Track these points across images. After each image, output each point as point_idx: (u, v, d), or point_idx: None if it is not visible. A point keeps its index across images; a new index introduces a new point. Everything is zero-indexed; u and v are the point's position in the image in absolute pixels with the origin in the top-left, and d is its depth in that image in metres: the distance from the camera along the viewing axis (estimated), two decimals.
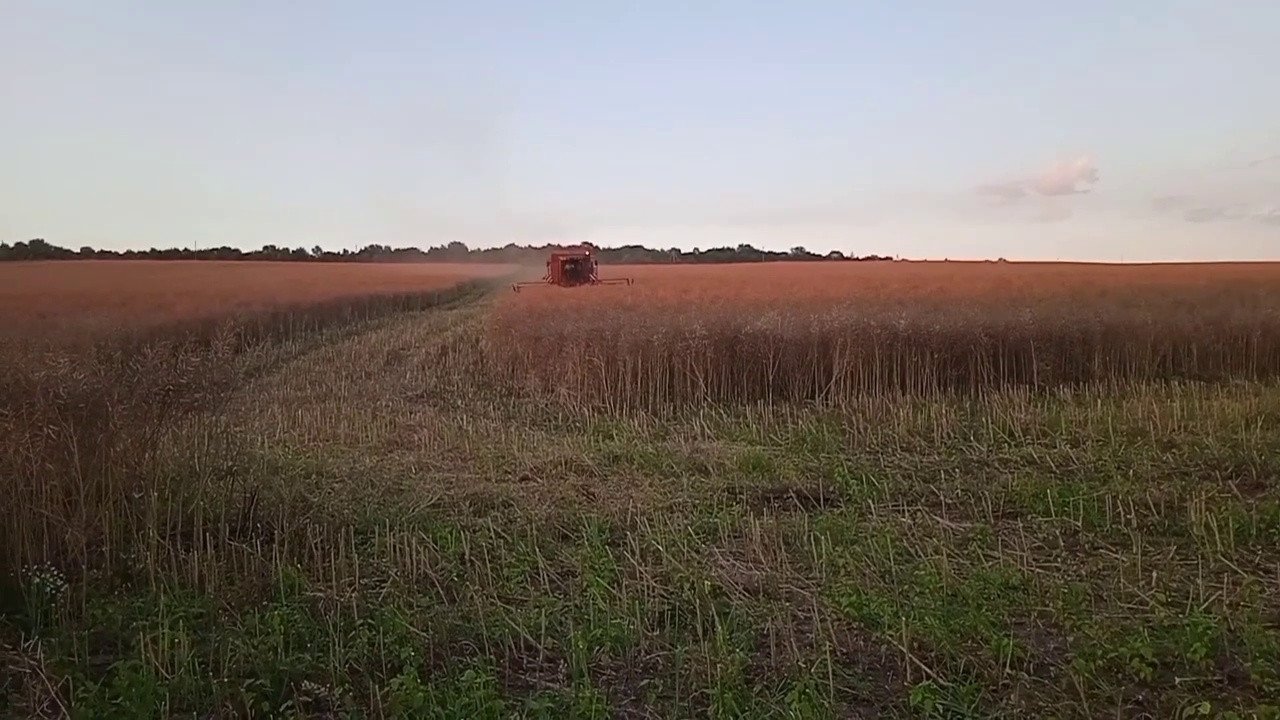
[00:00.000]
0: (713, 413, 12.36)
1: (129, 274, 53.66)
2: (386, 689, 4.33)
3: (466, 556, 6.39)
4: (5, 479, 5.80)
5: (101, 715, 4.16)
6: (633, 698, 4.50)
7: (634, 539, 6.72)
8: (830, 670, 4.52)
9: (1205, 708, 4.05)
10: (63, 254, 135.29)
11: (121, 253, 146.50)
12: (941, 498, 7.93)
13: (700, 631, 5.09)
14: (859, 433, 10.88)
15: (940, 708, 4.23)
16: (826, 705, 4.27)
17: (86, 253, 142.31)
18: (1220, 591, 5.54)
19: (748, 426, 11.42)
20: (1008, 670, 4.60)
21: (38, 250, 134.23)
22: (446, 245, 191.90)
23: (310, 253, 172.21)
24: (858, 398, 13.20)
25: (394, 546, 6.46)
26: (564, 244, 44.19)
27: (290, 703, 4.18)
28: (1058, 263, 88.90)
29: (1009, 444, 10.13)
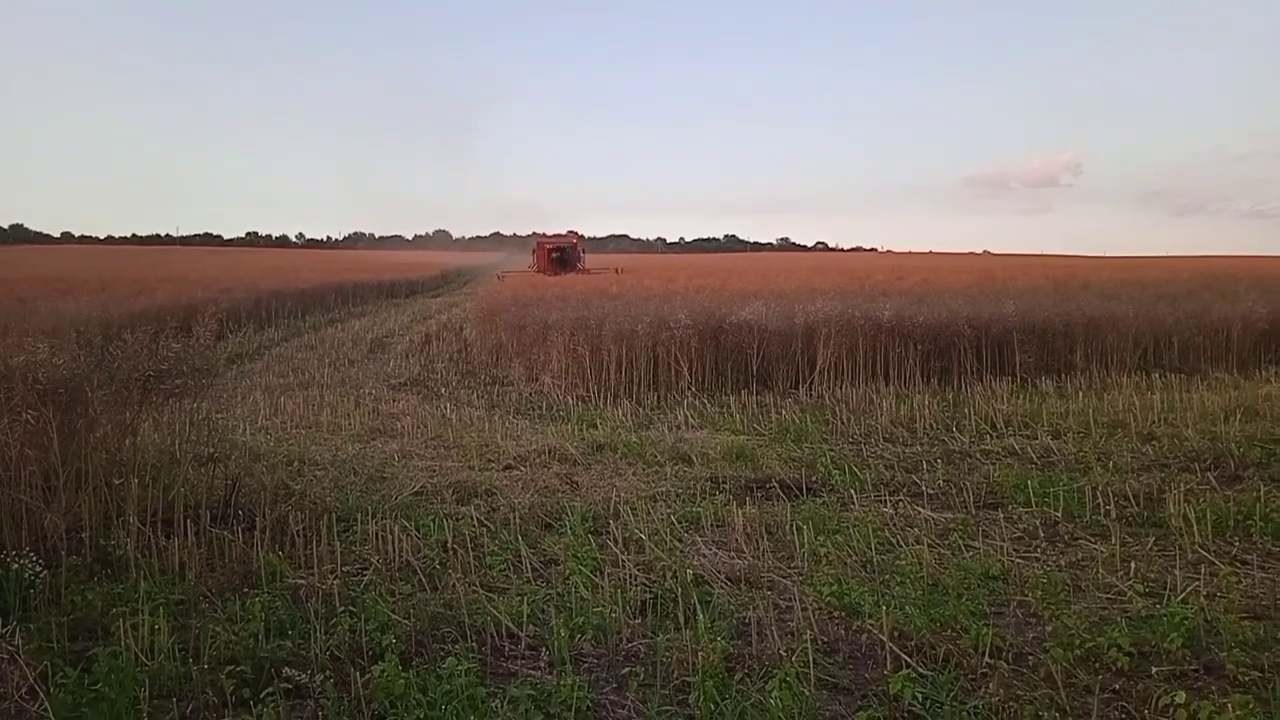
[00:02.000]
0: (697, 402, 12.37)
1: (110, 259, 53.15)
2: (368, 676, 4.32)
3: (449, 544, 6.38)
4: None
5: (80, 702, 4.14)
6: (614, 685, 4.51)
7: (617, 528, 6.73)
8: (811, 659, 4.54)
9: (1181, 697, 4.08)
10: (43, 238, 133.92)
11: (102, 238, 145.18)
12: (923, 488, 7.97)
13: (682, 620, 5.10)
14: (842, 423, 10.91)
15: (919, 696, 4.26)
16: (807, 694, 4.29)
17: (67, 237, 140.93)
18: (1197, 582, 5.60)
19: (731, 416, 11.44)
20: (987, 659, 4.63)
21: (17, 235, 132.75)
22: (431, 233, 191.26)
23: (294, 239, 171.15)
24: (841, 388, 13.23)
25: (376, 534, 6.45)
26: (549, 232, 43.78)
27: (271, 689, 4.17)
28: (1041, 255, 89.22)
29: (991, 435, 10.19)
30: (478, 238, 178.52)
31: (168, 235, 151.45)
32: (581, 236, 44.09)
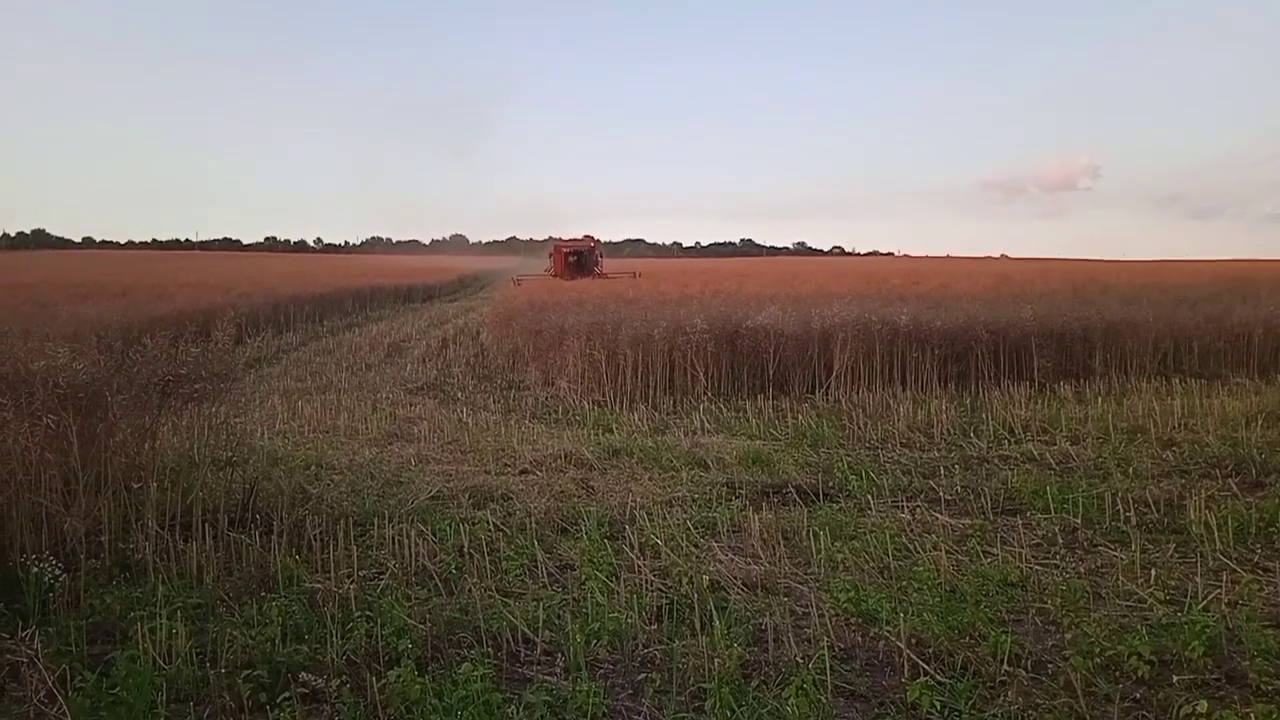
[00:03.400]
0: (713, 407, 12.35)
1: (129, 264, 53.64)
2: (384, 681, 4.33)
3: (465, 549, 6.39)
4: (4, 468, 5.80)
5: (99, 705, 4.16)
6: (630, 691, 4.51)
7: (633, 533, 6.72)
8: (828, 666, 4.52)
9: (1203, 706, 4.04)
10: (64, 243, 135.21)
11: (122, 243, 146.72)
12: (941, 494, 7.93)
13: (698, 626, 5.09)
14: (859, 428, 10.87)
15: (937, 704, 4.23)
16: (824, 701, 4.27)
17: (88, 242, 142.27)
18: (1219, 590, 5.54)
19: (748, 421, 11.42)
20: (1005, 667, 4.60)
21: (39, 240, 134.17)
22: (448, 237, 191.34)
23: (311, 244, 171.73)
24: (858, 393, 13.19)
25: (393, 538, 6.46)
26: (566, 236, 43.64)
27: (287, 694, 4.19)
28: (1059, 259, 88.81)
29: (1009, 440, 10.12)
30: (494, 242, 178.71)
31: (187, 240, 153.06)
32: (598, 241, 43.99)
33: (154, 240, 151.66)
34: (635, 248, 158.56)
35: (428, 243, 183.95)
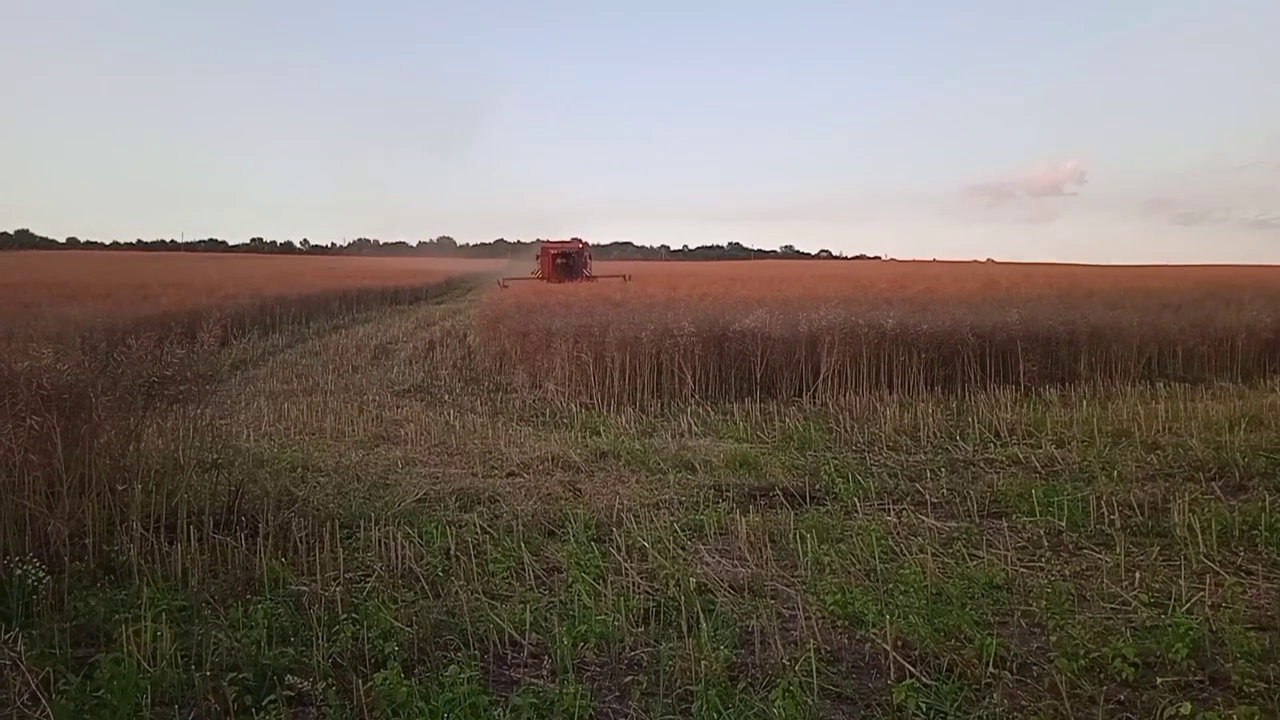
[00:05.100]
0: (700, 410, 12.36)
1: (115, 265, 53.30)
2: (370, 684, 4.32)
3: (452, 552, 6.38)
4: None
5: (82, 708, 4.14)
6: (617, 694, 4.51)
7: (620, 535, 6.72)
8: (814, 668, 4.53)
9: (1186, 708, 4.07)
10: (48, 244, 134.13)
11: (107, 243, 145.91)
12: (927, 497, 7.96)
13: (685, 628, 5.09)
14: (846, 431, 10.90)
15: (923, 706, 4.25)
16: (810, 703, 4.28)
17: (72, 243, 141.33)
18: (1202, 592, 5.58)
19: (735, 424, 11.43)
20: (990, 669, 4.62)
21: (23, 240, 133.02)
22: (435, 239, 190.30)
23: (298, 245, 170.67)
24: (845, 396, 13.23)
25: (379, 541, 6.44)
26: (554, 238, 43.42)
27: (273, 696, 4.17)
28: (1045, 264, 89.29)
29: (995, 444, 10.17)
30: (482, 244, 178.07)
31: (173, 241, 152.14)
32: (586, 243, 43.77)
33: (139, 241, 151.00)
34: (623, 250, 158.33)
35: (415, 245, 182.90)
